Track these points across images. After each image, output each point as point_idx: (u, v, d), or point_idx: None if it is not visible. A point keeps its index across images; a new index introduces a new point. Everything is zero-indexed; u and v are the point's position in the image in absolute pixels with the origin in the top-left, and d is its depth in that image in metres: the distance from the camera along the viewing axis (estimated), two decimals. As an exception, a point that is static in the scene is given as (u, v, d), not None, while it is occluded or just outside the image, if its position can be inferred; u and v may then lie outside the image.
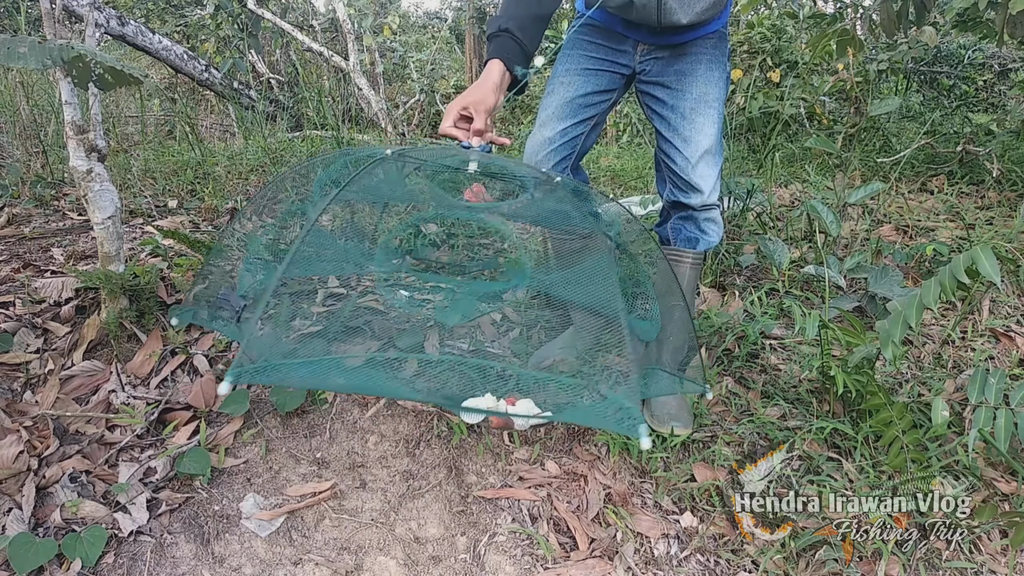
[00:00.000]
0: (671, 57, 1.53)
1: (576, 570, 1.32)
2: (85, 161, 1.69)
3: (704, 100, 1.51)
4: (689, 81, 1.52)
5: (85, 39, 1.71)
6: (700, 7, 1.42)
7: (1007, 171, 3.01)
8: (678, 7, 1.40)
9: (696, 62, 1.52)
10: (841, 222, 2.12)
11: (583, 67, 1.58)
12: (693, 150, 1.51)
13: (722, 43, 1.54)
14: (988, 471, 1.48)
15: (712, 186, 1.52)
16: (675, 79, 1.53)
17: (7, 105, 3.44)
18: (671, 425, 1.57)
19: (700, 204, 1.54)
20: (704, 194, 1.51)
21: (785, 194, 3.06)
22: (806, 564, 1.31)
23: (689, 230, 1.59)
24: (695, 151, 1.50)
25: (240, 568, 1.33)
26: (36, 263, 2.15)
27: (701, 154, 1.50)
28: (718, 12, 1.48)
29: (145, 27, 4.42)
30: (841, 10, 3.11)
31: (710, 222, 1.58)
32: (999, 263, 1.70)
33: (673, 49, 1.53)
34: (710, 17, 1.46)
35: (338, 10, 4.64)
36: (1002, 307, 2.06)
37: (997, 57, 4.01)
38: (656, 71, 1.55)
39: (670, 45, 1.52)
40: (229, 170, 3.21)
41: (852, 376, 1.53)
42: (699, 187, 1.51)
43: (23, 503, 1.35)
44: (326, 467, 1.56)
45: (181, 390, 1.70)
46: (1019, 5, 1.66)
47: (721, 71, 1.53)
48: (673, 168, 1.53)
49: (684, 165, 1.51)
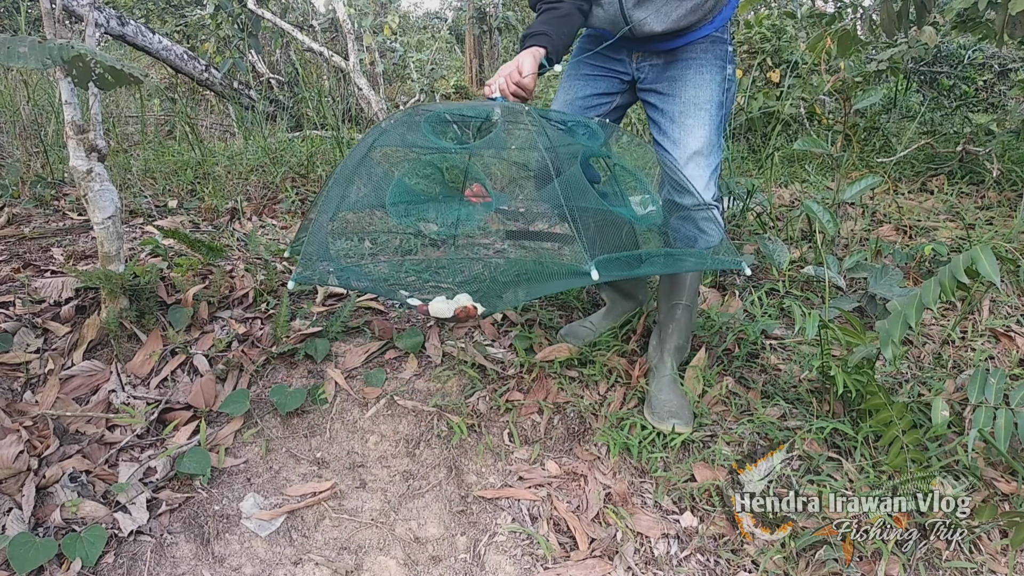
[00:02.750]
0: (664, 64, 1.58)
1: (576, 570, 1.32)
2: (85, 161, 1.69)
3: (694, 103, 1.55)
4: (679, 86, 1.56)
5: (85, 39, 1.71)
6: (676, 15, 1.47)
7: (1007, 171, 3.01)
8: (651, 17, 1.47)
9: (686, 67, 1.56)
10: (840, 222, 2.12)
11: (583, 72, 1.68)
12: (681, 152, 1.54)
13: (716, 46, 1.57)
14: (988, 471, 1.48)
15: (704, 187, 1.54)
16: (667, 85, 1.58)
17: (7, 105, 3.44)
18: (672, 423, 1.58)
19: (692, 204, 1.55)
20: (695, 195, 1.53)
21: (785, 194, 3.07)
22: (806, 564, 1.31)
23: (688, 229, 1.60)
24: (683, 153, 1.54)
25: (240, 568, 1.33)
26: (36, 263, 2.15)
27: (690, 156, 1.54)
28: (705, 17, 1.52)
29: (145, 27, 4.42)
30: (841, 10, 3.11)
31: (709, 222, 1.59)
32: (999, 263, 1.70)
33: (665, 55, 1.58)
34: (693, 23, 1.50)
35: (338, 10, 4.64)
36: (1002, 307, 2.06)
37: (997, 57, 4.01)
38: (652, 78, 1.61)
39: (661, 52, 1.57)
40: (229, 170, 3.21)
41: (852, 376, 1.53)
42: (689, 188, 1.53)
43: (23, 503, 1.35)
44: (326, 467, 1.56)
45: (181, 390, 1.70)
46: (1019, 5, 1.67)
47: (714, 74, 1.56)
48: (665, 170, 1.58)
49: (674, 167, 1.55)
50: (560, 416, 1.68)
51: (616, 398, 1.70)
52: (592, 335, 1.89)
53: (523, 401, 1.71)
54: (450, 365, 1.81)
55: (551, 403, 1.69)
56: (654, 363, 1.73)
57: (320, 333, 1.86)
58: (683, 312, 1.70)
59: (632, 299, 1.93)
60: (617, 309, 1.94)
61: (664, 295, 1.72)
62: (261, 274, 2.12)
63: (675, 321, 1.70)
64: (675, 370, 1.70)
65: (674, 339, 1.71)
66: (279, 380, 1.75)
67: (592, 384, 1.77)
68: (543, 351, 1.82)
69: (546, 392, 1.73)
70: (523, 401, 1.71)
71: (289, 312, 1.86)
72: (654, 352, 1.75)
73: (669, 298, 1.71)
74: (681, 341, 1.72)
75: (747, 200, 2.54)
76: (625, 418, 1.64)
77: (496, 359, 1.84)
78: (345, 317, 1.90)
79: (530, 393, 1.73)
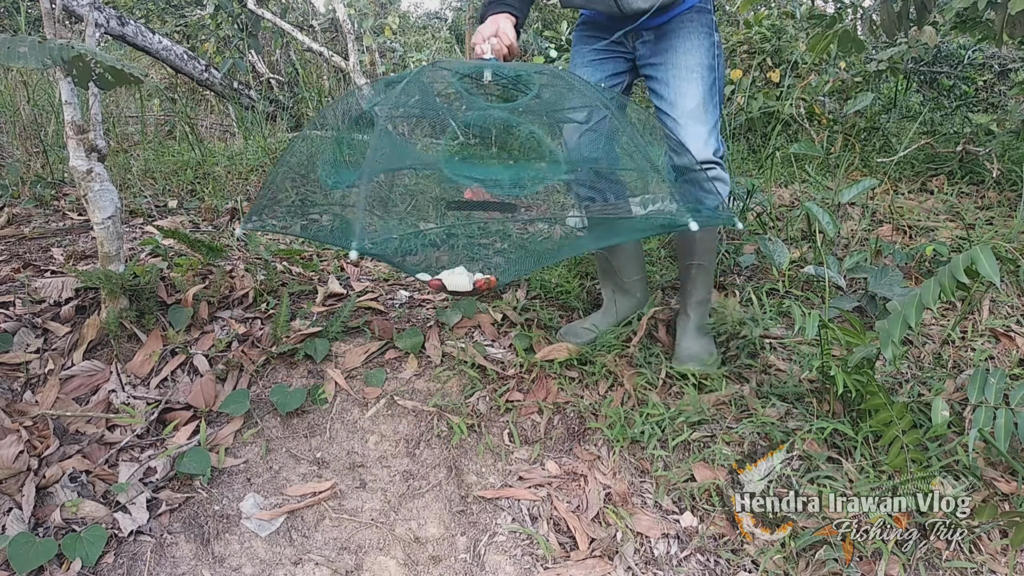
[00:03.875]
0: (656, 39, 1.67)
1: (576, 570, 1.32)
2: (85, 161, 1.69)
3: (685, 67, 1.64)
4: (671, 54, 1.65)
5: (85, 39, 1.71)
6: None
7: (1007, 171, 3.01)
8: None
9: (676, 37, 1.65)
10: (839, 222, 2.12)
11: (589, 59, 1.76)
12: (679, 112, 1.63)
13: (701, 16, 1.66)
14: (988, 471, 1.48)
15: (704, 143, 1.62)
16: (661, 57, 1.67)
17: (7, 105, 3.45)
18: (691, 365, 1.73)
19: (691, 163, 1.62)
20: (693, 152, 1.60)
21: (785, 194, 3.06)
22: (806, 564, 1.31)
23: (693, 192, 1.66)
24: (680, 112, 1.62)
25: (240, 568, 1.33)
26: (36, 263, 2.15)
27: (687, 113, 1.62)
28: None
29: (145, 27, 4.41)
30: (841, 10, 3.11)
31: (715, 180, 1.66)
32: (999, 263, 1.70)
33: (656, 31, 1.66)
34: None
35: (338, 10, 4.64)
36: (1002, 307, 2.06)
37: (997, 57, 4.00)
38: (647, 54, 1.69)
39: (652, 28, 1.65)
40: (229, 170, 3.21)
41: (852, 376, 1.53)
42: (688, 145, 1.60)
43: (23, 503, 1.35)
44: (326, 467, 1.56)
45: (181, 390, 1.70)
46: (1019, 5, 1.66)
47: (701, 39, 1.65)
48: (665, 132, 1.65)
49: (673, 127, 1.63)
50: (560, 416, 1.68)
51: (616, 398, 1.70)
52: (592, 335, 1.89)
53: (523, 401, 1.71)
54: (450, 365, 1.81)
55: (551, 403, 1.69)
56: (679, 317, 1.86)
57: (320, 333, 1.85)
58: (698, 271, 1.81)
59: (631, 296, 1.93)
60: (615, 307, 1.94)
61: (681, 256, 1.84)
62: (261, 274, 2.12)
63: (691, 279, 1.81)
64: (700, 320, 1.83)
65: (694, 295, 1.83)
66: (279, 380, 1.75)
67: (592, 384, 1.77)
68: (543, 350, 1.82)
69: (546, 392, 1.73)
70: (523, 401, 1.71)
71: (289, 312, 1.86)
72: (679, 307, 1.89)
73: (684, 258, 1.82)
74: (702, 296, 1.83)
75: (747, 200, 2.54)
76: (628, 415, 1.64)
77: (496, 359, 1.84)
78: (345, 317, 1.90)
79: (530, 393, 1.73)
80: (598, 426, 1.63)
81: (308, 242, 2.53)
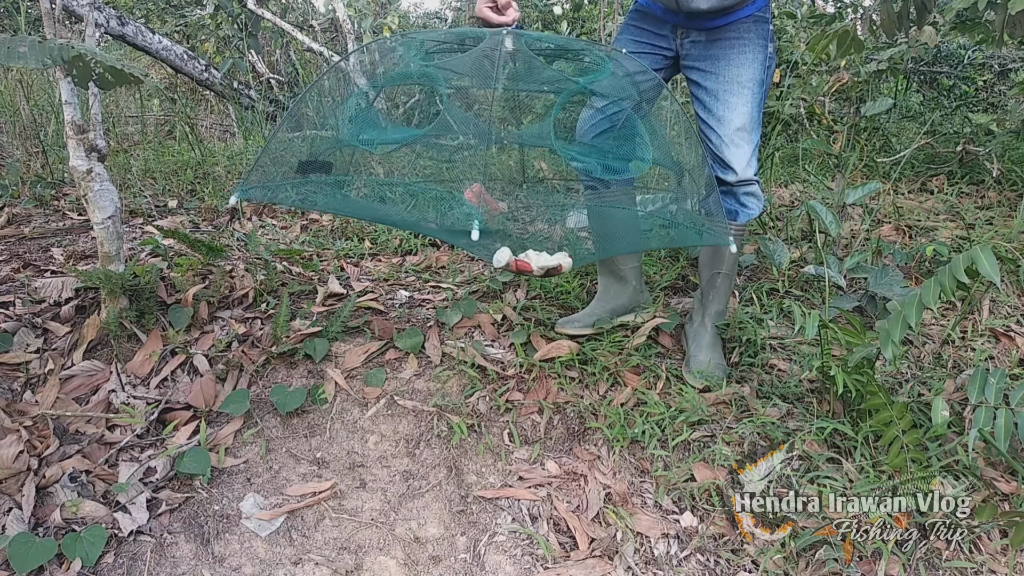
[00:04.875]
0: (707, 42, 1.63)
1: (576, 570, 1.32)
2: (85, 161, 1.69)
3: (737, 81, 1.60)
4: (722, 65, 1.61)
5: (85, 39, 1.71)
6: None
7: (1007, 171, 3.01)
8: None
9: (729, 47, 1.60)
10: (841, 222, 2.12)
11: (629, 50, 1.71)
12: (726, 129, 1.60)
13: (758, 26, 1.61)
14: (988, 471, 1.48)
15: (746, 163, 1.61)
16: (710, 63, 1.63)
17: (7, 105, 3.45)
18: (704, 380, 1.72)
19: (735, 180, 1.63)
20: (737, 171, 1.60)
21: (785, 194, 3.06)
22: (806, 564, 1.31)
23: (729, 203, 1.67)
24: (727, 129, 1.60)
25: (240, 568, 1.33)
26: (36, 263, 2.15)
27: (734, 132, 1.60)
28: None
29: (145, 27, 4.41)
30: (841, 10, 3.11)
31: (749, 196, 1.67)
32: (999, 263, 1.70)
33: (708, 33, 1.62)
34: (736, 2, 1.54)
35: (338, 10, 4.64)
36: (1002, 307, 2.06)
37: (997, 57, 4.00)
38: (695, 55, 1.65)
39: (704, 29, 1.62)
40: (229, 170, 3.21)
41: (852, 376, 1.53)
42: (732, 164, 1.60)
43: (23, 503, 1.35)
44: (326, 467, 1.56)
45: (181, 390, 1.70)
46: (1019, 5, 1.66)
47: (755, 53, 1.61)
48: (709, 147, 1.64)
49: (718, 143, 1.61)
50: (560, 416, 1.68)
51: (616, 398, 1.70)
52: (590, 319, 1.90)
53: (523, 401, 1.71)
54: (450, 365, 1.81)
55: (551, 403, 1.69)
56: (695, 326, 1.85)
57: (320, 333, 1.85)
58: (723, 280, 1.81)
59: (625, 283, 1.92)
60: (610, 293, 1.94)
61: (705, 264, 1.83)
62: (261, 274, 2.12)
63: (715, 288, 1.81)
64: (714, 332, 1.82)
65: (714, 305, 1.83)
66: (279, 380, 1.75)
67: (592, 384, 1.77)
68: (543, 349, 1.82)
69: (546, 392, 1.73)
70: (523, 401, 1.71)
71: (289, 312, 1.86)
72: (696, 315, 1.87)
73: (710, 267, 1.81)
74: (720, 306, 1.84)
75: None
76: (628, 415, 1.64)
77: (496, 359, 1.84)
78: (345, 317, 1.90)
79: (530, 393, 1.73)
80: (598, 426, 1.63)
81: (308, 242, 2.53)
